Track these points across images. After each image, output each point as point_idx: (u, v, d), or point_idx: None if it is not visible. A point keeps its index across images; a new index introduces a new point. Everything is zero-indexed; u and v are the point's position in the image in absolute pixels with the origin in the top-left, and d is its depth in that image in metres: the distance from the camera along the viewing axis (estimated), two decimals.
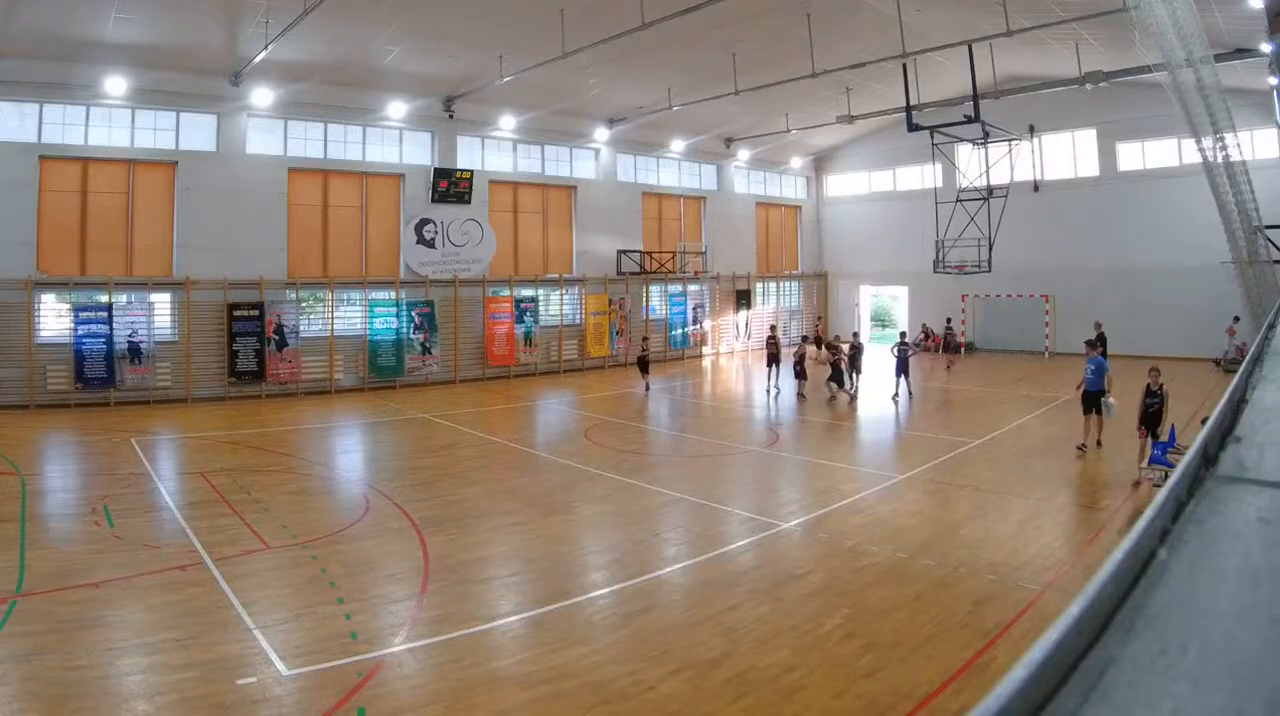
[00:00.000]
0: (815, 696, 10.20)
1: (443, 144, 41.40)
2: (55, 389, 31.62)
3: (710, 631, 12.09)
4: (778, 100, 42.13)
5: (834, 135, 54.46)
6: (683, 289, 51.23)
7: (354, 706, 9.93)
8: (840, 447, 26.58)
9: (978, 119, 32.21)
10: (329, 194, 38.62)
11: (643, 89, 41.21)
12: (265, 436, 26.90)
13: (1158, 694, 1.72)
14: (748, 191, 56.94)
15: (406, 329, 39.28)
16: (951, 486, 20.36)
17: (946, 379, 34.17)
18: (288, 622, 12.30)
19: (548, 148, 45.91)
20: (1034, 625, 11.95)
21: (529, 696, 10.28)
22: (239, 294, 35.00)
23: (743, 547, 16.21)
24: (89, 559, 14.86)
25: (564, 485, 21.25)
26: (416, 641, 11.85)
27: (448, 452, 25.05)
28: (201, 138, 35.13)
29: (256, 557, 15.18)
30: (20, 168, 31.25)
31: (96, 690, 10.17)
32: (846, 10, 31.92)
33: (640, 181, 50.58)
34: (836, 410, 32.09)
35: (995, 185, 37.75)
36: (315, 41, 31.22)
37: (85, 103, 32.50)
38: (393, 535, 16.80)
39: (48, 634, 11.63)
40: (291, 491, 20.41)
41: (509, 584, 14.49)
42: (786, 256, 59.91)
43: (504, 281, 43.26)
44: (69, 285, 32.33)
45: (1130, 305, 44.56)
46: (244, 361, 34.83)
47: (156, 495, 19.79)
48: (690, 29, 29.92)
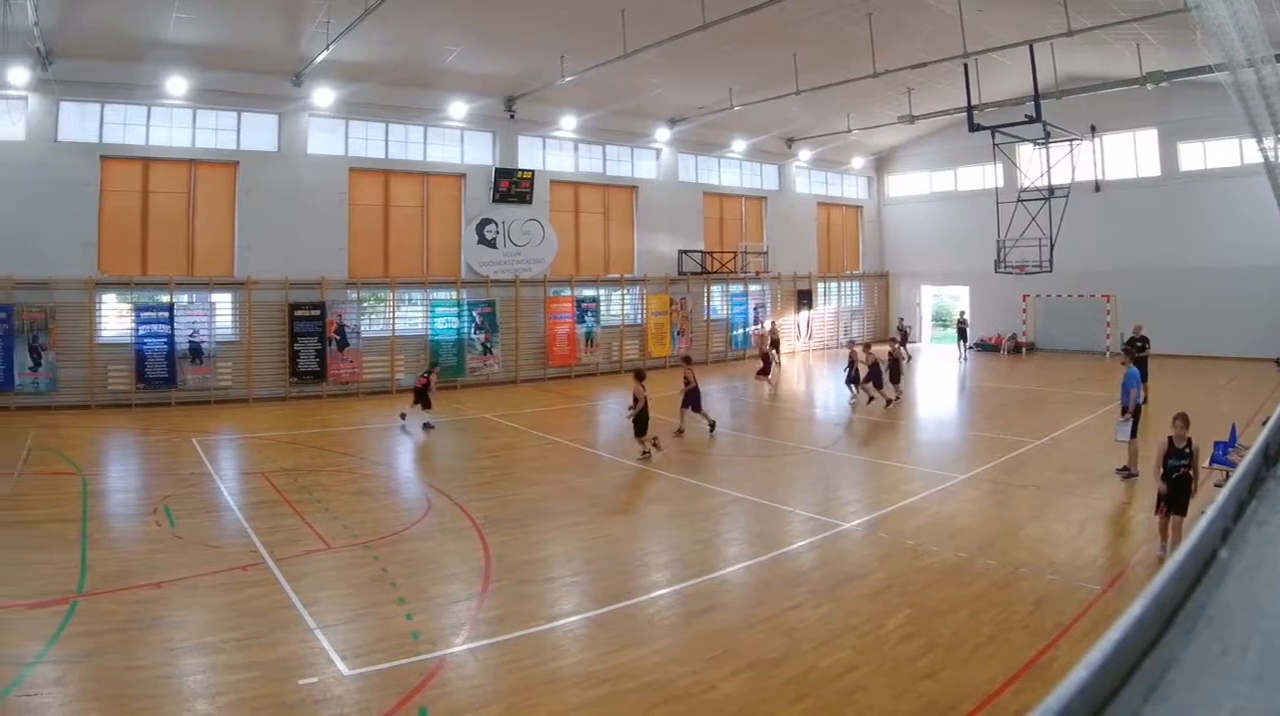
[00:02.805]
0: (876, 697, 10.14)
1: (504, 144, 41.38)
2: (116, 389, 31.76)
3: (771, 631, 12.03)
4: (839, 100, 41.88)
5: (895, 135, 54.22)
6: (744, 289, 51.03)
7: (415, 706, 9.90)
8: (901, 448, 26.39)
9: (1039, 119, 32.10)
10: (390, 194, 38.65)
11: (704, 89, 41.04)
12: (326, 436, 26.90)
13: (1219, 693, 1.79)
14: (809, 191, 56.68)
15: (467, 329, 39.27)
16: (1012, 486, 20.21)
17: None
18: (349, 622, 12.32)
19: (609, 148, 45.81)
20: (1095, 625, 11.87)
21: (589, 696, 10.23)
22: (300, 294, 35.07)
23: (803, 547, 16.14)
24: (150, 559, 14.86)
25: (625, 485, 21.30)
26: (477, 641, 11.83)
27: (509, 452, 25.04)
28: (263, 138, 35.25)
29: (318, 557, 15.18)
30: (81, 168, 31.39)
31: (158, 690, 10.16)
32: (908, 10, 31.58)
33: (701, 181, 50.41)
34: (895, 411, 31.86)
35: (1056, 185, 37.62)
36: (376, 41, 31.21)
37: (146, 103, 32.63)
38: (454, 535, 16.77)
39: (109, 633, 11.63)
40: (352, 491, 20.39)
41: (570, 584, 14.49)
42: (848, 256, 59.67)
43: (565, 281, 43.18)
44: (130, 285, 32.45)
45: (1191, 305, 44.13)
46: (305, 361, 34.90)
47: (218, 495, 19.83)
48: (751, 29, 29.73)
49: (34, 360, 30.32)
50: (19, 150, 30.45)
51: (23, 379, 30.20)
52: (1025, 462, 22.73)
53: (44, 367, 30.49)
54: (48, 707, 9.69)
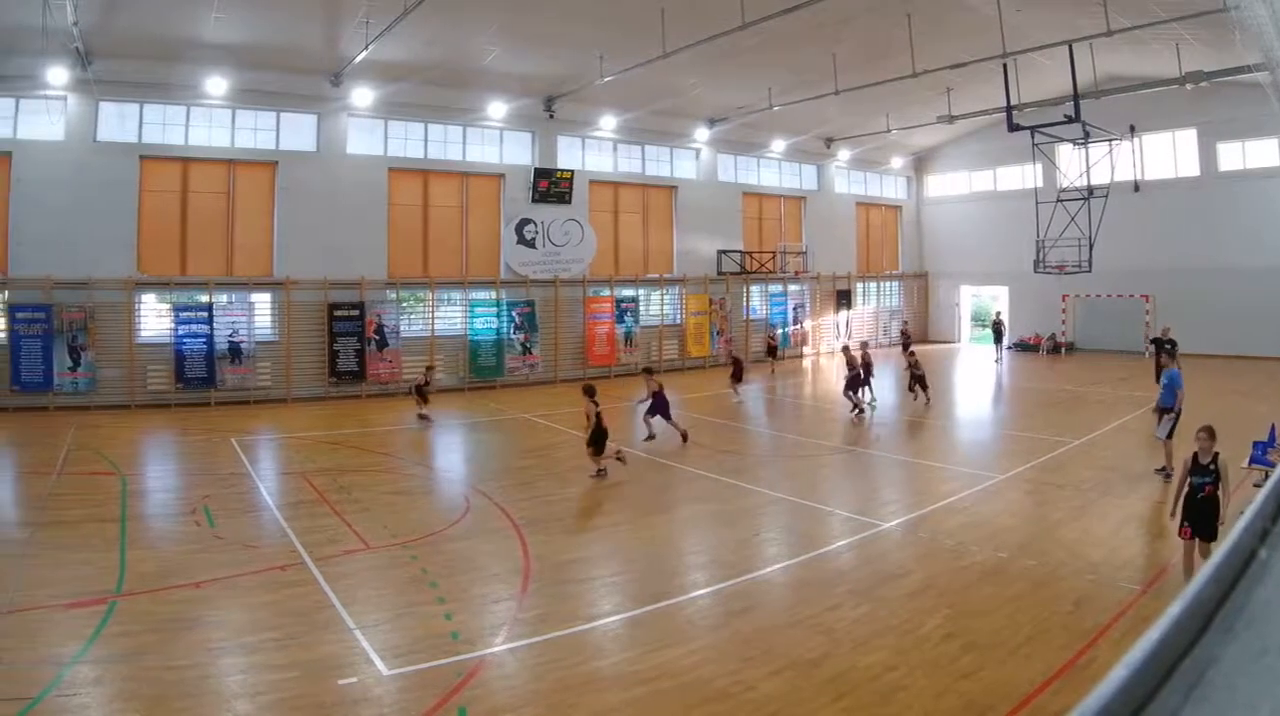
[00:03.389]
0: (915, 696, 10.12)
1: (543, 144, 41.41)
2: (155, 389, 31.87)
3: (810, 631, 12.03)
4: (878, 100, 41.75)
5: (934, 135, 54.15)
6: (783, 289, 51.01)
7: (454, 706, 9.90)
8: (940, 448, 26.31)
9: (1078, 119, 32.02)
10: (429, 194, 38.71)
11: (743, 89, 40.99)
12: (366, 436, 26.93)
13: (1258, 694, 1.82)
14: (848, 191, 56.62)
15: (507, 329, 39.34)
16: (1051, 486, 20.15)
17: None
18: (388, 622, 12.39)
19: (648, 148, 45.81)
20: (1134, 625, 11.87)
21: (629, 696, 10.25)
22: (339, 294, 35.18)
23: (843, 547, 16.15)
24: (189, 559, 14.90)
25: (664, 485, 21.25)
26: (517, 641, 11.83)
27: (548, 452, 25.01)
28: (302, 138, 35.36)
29: (357, 557, 15.20)
30: (121, 168, 31.53)
31: (197, 690, 10.21)
32: (947, 10, 31.51)
33: (740, 181, 50.36)
34: (935, 411, 31.88)
35: (1096, 185, 37.50)
36: (415, 41, 31.23)
37: (185, 103, 32.76)
38: (493, 535, 16.76)
39: (148, 633, 11.66)
40: (392, 491, 20.42)
41: (609, 584, 14.53)
42: (887, 256, 59.55)
43: (604, 281, 43.28)
44: (169, 285, 32.60)
45: (1230, 305, 43.98)
46: (344, 361, 34.99)
47: (257, 495, 19.88)
48: (790, 29, 29.67)
49: (73, 360, 30.44)
50: (58, 150, 30.59)
51: (62, 379, 30.33)
52: (1064, 462, 22.68)
53: (83, 367, 30.62)
54: (86, 708, 9.69)
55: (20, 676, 10.28)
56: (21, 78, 29.42)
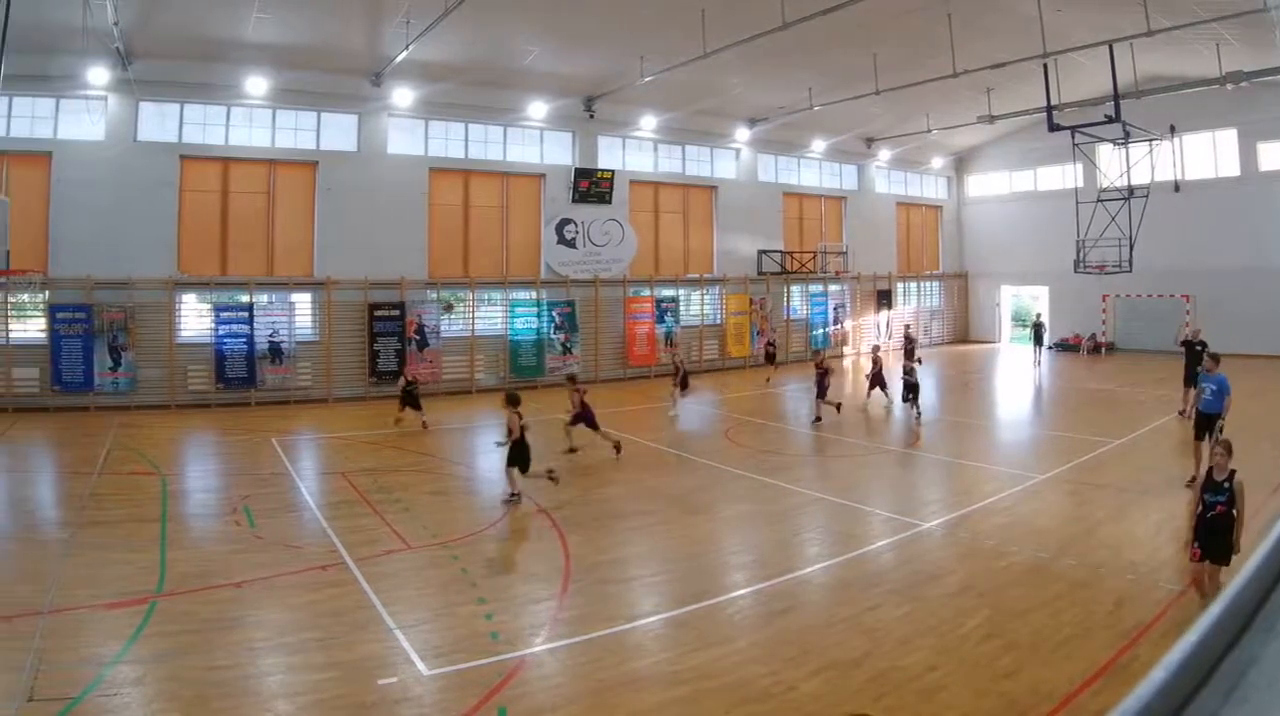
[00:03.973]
0: (956, 696, 10.13)
1: (583, 144, 41.42)
2: (196, 389, 31.98)
3: (851, 631, 12.04)
4: (918, 100, 41.63)
5: (975, 135, 53.87)
6: (823, 289, 50.87)
7: (494, 706, 9.93)
8: (981, 448, 26.30)
9: (1118, 119, 32.12)
10: (470, 194, 38.77)
11: (783, 89, 40.88)
12: (406, 436, 26.91)
13: None
14: (888, 191, 56.47)
15: (547, 329, 39.36)
16: (1092, 486, 20.11)
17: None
18: (428, 622, 12.43)
19: (688, 147, 45.75)
20: (1175, 625, 11.93)
21: (669, 696, 10.26)
22: (380, 294, 35.24)
23: (883, 547, 16.15)
24: (229, 559, 14.93)
25: (704, 485, 21.18)
26: (557, 641, 11.87)
27: (588, 452, 24.84)
28: (342, 138, 35.47)
29: (397, 557, 15.21)
30: (161, 168, 31.67)
31: (237, 690, 10.26)
32: (987, 10, 31.45)
33: (781, 181, 50.25)
34: (975, 411, 32.07)
35: (1136, 185, 37.66)
36: (456, 41, 31.22)
37: (225, 103, 32.90)
38: (533, 535, 16.89)
39: (188, 634, 11.70)
40: (432, 491, 20.45)
41: (649, 584, 14.53)
42: (927, 256, 59.38)
43: (644, 281, 43.21)
44: (210, 285, 32.75)
45: (1272, 305, 43.83)
46: (385, 361, 34.98)
47: (297, 495, 19.94)
48: (831, 29, 29.44)
49: (114, 360, 30.56)
50: (99, 150, 30.75)
51: (102, 379, 30.45)
52: (1104, 463, 22.70)
53: (124, 367, 30.73)
54: (127, 707, 9.72)
55: (61, 676, 10.29)
56: (62, 78, 29.59)
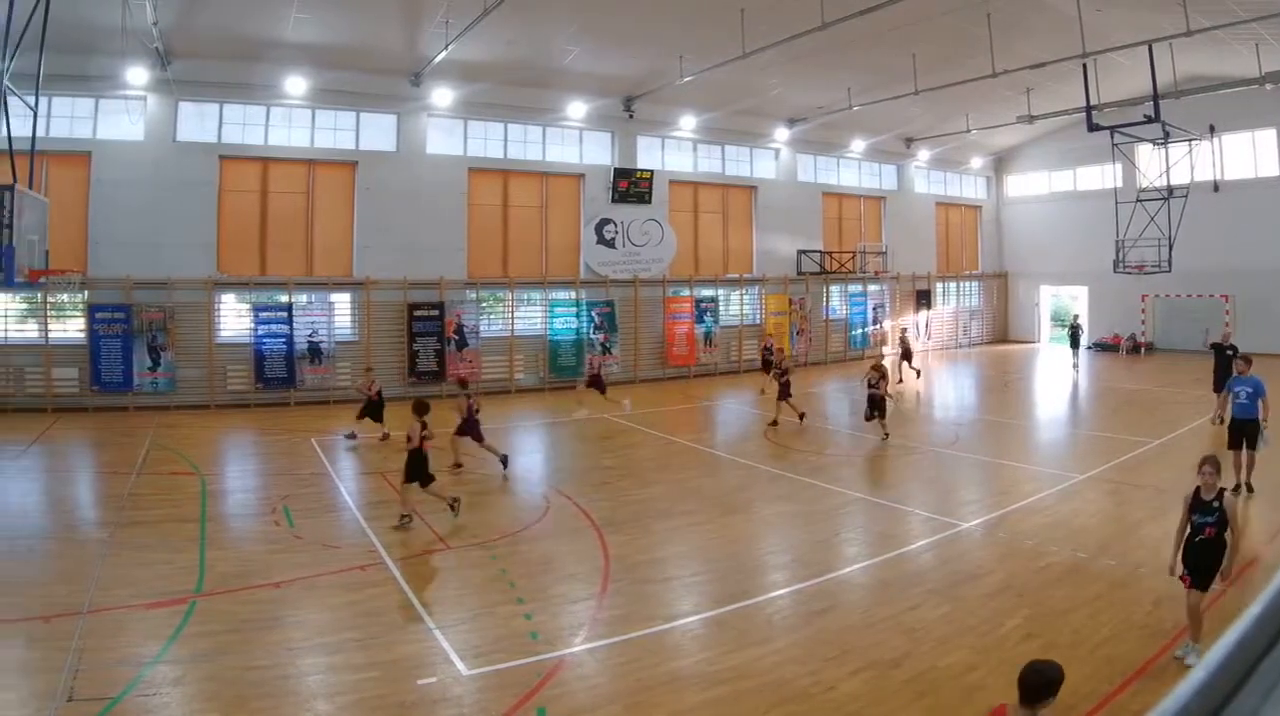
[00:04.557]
0: (995, 696, 9.92)
1: (623, 144, 41.39)
2: (235, 389, 32.06)
3: (890, 631, 12.10)
4: (958, 100, 41.46)
5: (1014, 135, 53.63)
6: (863, 289, 50.79)
7: (534, 706, 9.98)
8: (1020, 448, 26.19)
9: (1158, 119, 32.01)
10: (509, 194, 38.79)
11: (822, 89, 40.76)
12: (445, 436, 26.83)
13: None
14: (928, 191, 56.30)
15: (586, 329, 39.39)
16: (1131, 486, 20.16)
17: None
18: (467, 622, 12.52)
19: (728, 147, 45.69)
20: (1214, 626, 11.48)
21: (709, 696, 10.29)
22: (419, 294, 35.25)
23: (923, 547, 16.19)
24: (269, 559, 15.02)
25: (744, 485, 21.21)
26: (596, 641, 11.93)
27: (628, 452, 25.01)
28: (381, 138, 35.50)
29: (436, 557, 15.31)
30: (200, 167, 31.79)
31: (276, 690, 10.36)
32: (1027, 10, 31.34)
33: (820, 181, 50.14)
34: (1015, 411, 32.20)
35: (1175, 185, 37.89)
36: (495, 41, 31.18)
37: (265, 103, 32.99)
38: (573, 535, 16.84)
39: (228, 633, 11.77)
40: (471, 491, 20.29)
41: (689, 584, 14.54)
42: (966, 256, 59.16)
43: (684, 281, 43.21)
44: (249, 285, 32.83)
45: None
46: (424, 361, 35.03)
47: (336, 495, 20.02)
48: (870, 29, 29.40)
49: (153, 360, 30.64)
50: (138, 150, 30.86)
51: (141, 379, 30.56)
52: (1144, 463, 22.71)
53: (163, 367, 30.83)
54: (166, 707, 9.82)
55: (101, 676, 10.33)
56: (101, 78, 29.67)
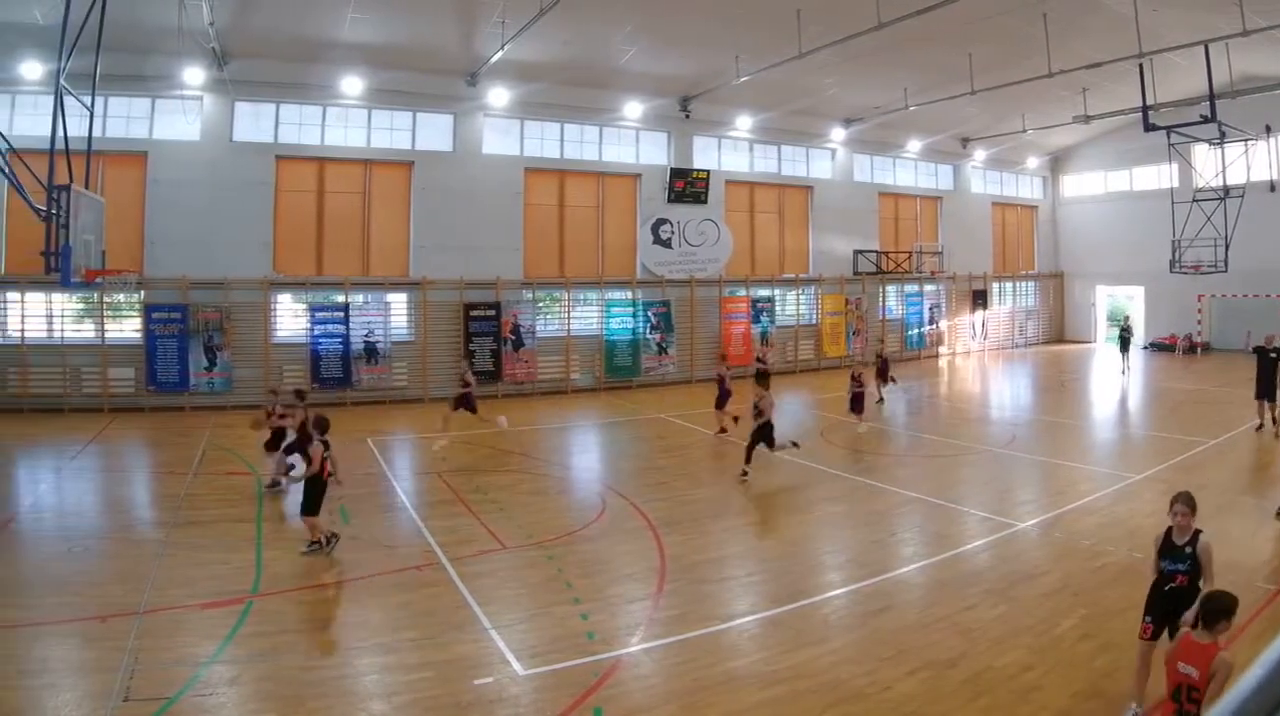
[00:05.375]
0: (1051, 696, 10.18)
1: (679, 144, 41.36)
2: (292, 388, 31.85)
3: (946, 631, 12.10)
4: (1014, 100, 41.26)
5: (1070, 135, 53.37)
6: (919, 289, 50.66)
7: (590, 706, 10.01)
8: (1076, 448, 25.94)
9: (1214, 119, 31.75)
10: (565, 194, 38.83)
11: (879, 89, 40.64)
12: (501, 436, 26.86)
13: None
14: (984, 191, 56.05)
15: (643, 329, 39.32)
16: (1187, 486, 19.45)
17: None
18: (524, 622, 12.53)
19: (784, 147, 45.58)
20: (1270, 624, 11.94)
21: (765, 696, 10.28)
22: (475, 294, 35.31)
23: (979, 547, 16.16)
24: (325, 559, 15.07)
25: (800, 485, 21.10)
26: (652, 641, 11.94)
27: (683, 452, 24.97)
28: (438, 138, 35.59)
29: (493, 557, 15.27)
30: (257, 167, 31.99)
31: (332, 690, 10.42)
32: (1083, 10, 31.18)
33: (876, 181, 50.06)
34: (1070, 411, 32.09)
35: (1231, 185, 37.60)
36: (551, 41, 31.20)
37: (321, 103, 33.17)
38: (629, 535, 16.81)
39: (284, 633, 11.86)
40: (527, 491, 20.45)
41: (745, 584, 14.55)
42: (1023, 256, 58.84)
43: (740, 281, 43.11)
44: (305, 285, 32.95)
45: None
46: (480, 361, 34.94)
47: (392, 495, 20.09)
48: (926, 29, 29.24)
49: (209, 360, 30.80)
50: (194, 150, 31.08)
51: (198, 379, 30.70)
52: (1200, 463, 22.62)
53: (219, 367, 30.98)
54: (222, 707, 9.89)
55: (158, 675, 10.39)
56: (158, 78, 29.88)
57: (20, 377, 29.55)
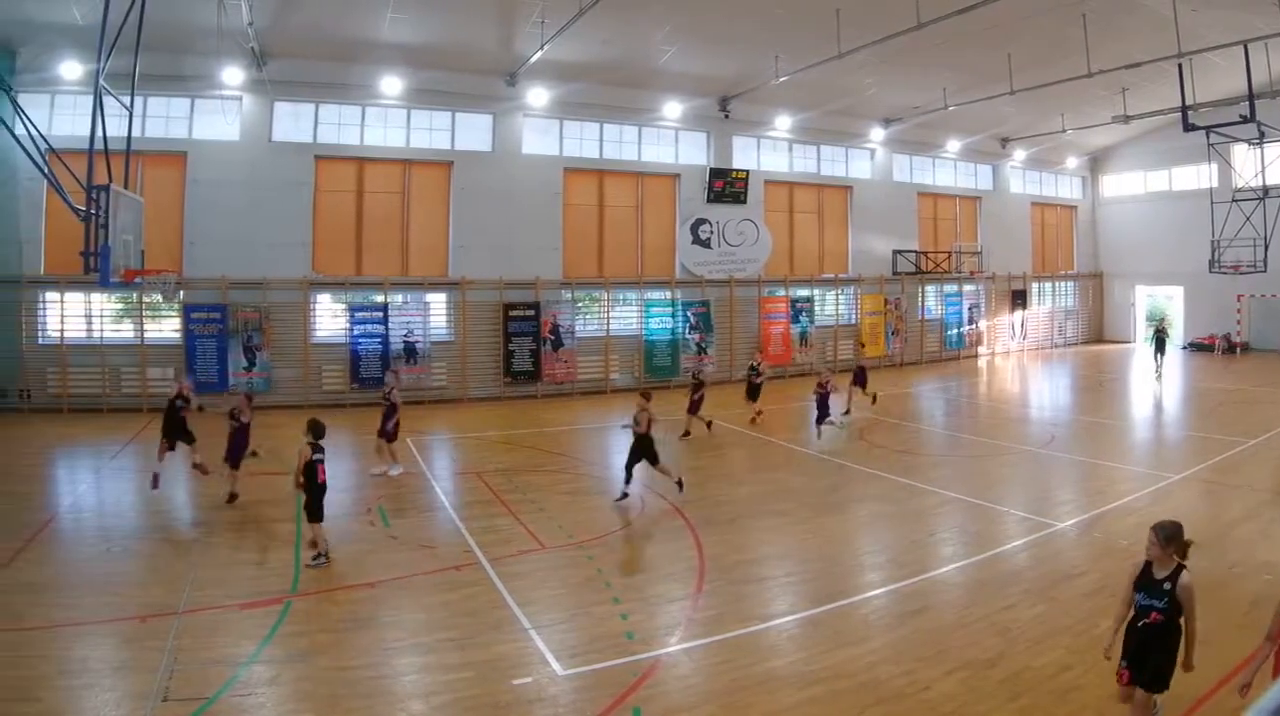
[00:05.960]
0: (1091, 696, 10.15)
1: (718, 144, 41.30)
2: (330, 388, 32.32)
3: (985, 631, 12.09)
4: (1053, 100, 41.12)
5: (1109, 135, 53.12)
6: (958, 289, 50.50)
7: (629, 706, 9.99)
8: (1115, 448, 25.83)
9: (1253, 119, 31.61)
10: (604, 194, 38.86)
11: (918, 89, 40.55)
12: (540, 436, 26.89)
13: None
14: (1023, 191, 55.81)
15: (682, 329, 39.37)
16: (1227, 486, 20.02)
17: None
18: (563, 622, 12.51)
19: (823, 147, 45.52)
20: None
21: (804, 696, 10.27)
22: (514, 294, 35.36)
23: (1018, 547, 16.12)
24: (364, 559, 15.09)
25: (839, 485, 21.21)
26: (692, 641, 11.90)
27: (722, 452, 25.00)
28: (477, 138, 35.65)
29: (532, 557, 15.26)
30: (296, 167, 32.15)
31: (371, 690, 10.42)
32: (1122, 10, 31.11)
33: (916, 181, 49.95)
34: (1108, 411, 32.07)
35: (1271, 184, 37.81)
36: (591, 41, 31.23)
37: (360, 103, 33.28)
38: (668, 535, 16.82)
39: (322, 633, 11.86)
40: (567, 491, 20.44)
41: (784, 584, 14.55)
42: (1062, 256, 58.60)
43: (779, 281, 43.09)
44: (344, 285, 33.06)
45: None
46: (519, 361, 35.14)
47: (432, 495, 20.06)
48: (965, 29, 29.22)
49: (249, 360, 30.94)
50: (234, 150, 31.26)
51: (237, 379, 30.81)
52: (1239, 463, 22.58)
53: (258, 367, 31.10)
54: (261, 707, 9.90)
55: (196, 676, 10.42)
56: (197, 78, 30.01)
57: (60, 378, 29.74)
